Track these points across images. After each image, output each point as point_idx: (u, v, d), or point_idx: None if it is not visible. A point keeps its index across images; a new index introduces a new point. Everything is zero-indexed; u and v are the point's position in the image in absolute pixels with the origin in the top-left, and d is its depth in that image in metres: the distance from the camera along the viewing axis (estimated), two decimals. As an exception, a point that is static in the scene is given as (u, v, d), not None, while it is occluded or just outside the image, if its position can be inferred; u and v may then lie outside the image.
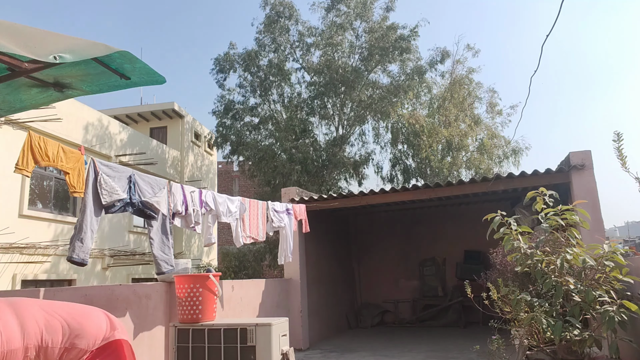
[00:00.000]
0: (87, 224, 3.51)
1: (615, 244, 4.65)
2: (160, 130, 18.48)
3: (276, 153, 14.75)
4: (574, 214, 3.93)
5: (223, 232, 21.02)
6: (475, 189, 7.76)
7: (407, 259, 11.71)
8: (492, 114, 17.30)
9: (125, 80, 2.78)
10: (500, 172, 14.35)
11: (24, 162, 3.12)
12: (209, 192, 5.39)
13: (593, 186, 6.69)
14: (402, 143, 15.92)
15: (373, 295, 11.64)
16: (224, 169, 25.41)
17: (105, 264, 12.83)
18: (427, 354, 7.08)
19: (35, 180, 11.26)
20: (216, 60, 16.10)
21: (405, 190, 8.09)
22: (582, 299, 3.58)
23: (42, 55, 2.05)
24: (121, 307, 3.78)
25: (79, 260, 3.44)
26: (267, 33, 16.02)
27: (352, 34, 16.24)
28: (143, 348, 3.97)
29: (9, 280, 9.98)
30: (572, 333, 3.49)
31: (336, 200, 8.40)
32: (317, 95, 15.46)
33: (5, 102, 3.00)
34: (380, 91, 15.43)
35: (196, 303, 3.77)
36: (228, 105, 15.89)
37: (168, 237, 4.34)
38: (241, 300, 5.86)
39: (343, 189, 15.23)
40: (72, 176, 3.48)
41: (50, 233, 11.16)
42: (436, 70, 16.18)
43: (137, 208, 4.01)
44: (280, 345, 3.59)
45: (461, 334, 9.03)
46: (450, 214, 11.32)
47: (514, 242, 4.02)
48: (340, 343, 8.56)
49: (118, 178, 3.85)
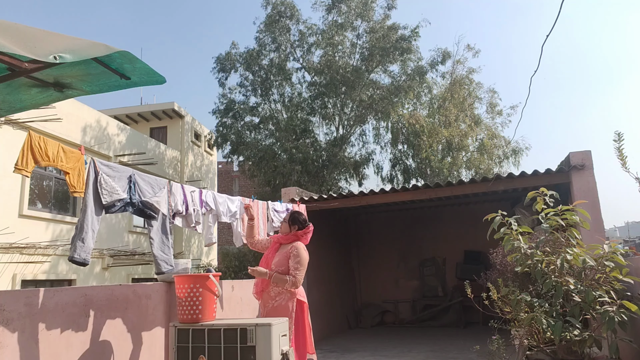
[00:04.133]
0: (88, 223, 3.51)
1: (615, 244, 4.65)
2: (160, 130, 18.49)
3: (276, 153, 14.75)
4: (574, 214, 3.93)
5: (223, 232, 21.02)
6: (475, 189, 7.76)
7: (407, 259, 11.71)
8: (492, 114, 17.32)
9: (126, 80, 2.78)
10: (501, 172, 14.36)
11: (23, 162, 3.11)
12: (209, 192, 5.39)
13: (593, 186, 6.69)
14: (402, 143, 15.93)
15: (373, 295, 11.64)
16: (224, 169, 25.41)
17: (105, 264, 12.84)
18: (427, 354, 7.08)
19: (35, 180, 11.26)
20: (217, 59, 16.12)
21: (405, 190, 8.09)
22: (582, 299, 3.58)
23: (42, 55, 2.05)
24: (121, 307, 3.78)
25: (81, 260, 3.43)
26: (267, 32, 16.03)
27: (353, 34, 16.25)
28: (143, 348, 3.97)
29: (8, 280, 9.98)
30: (572, 333, 3.49)
31: (336, 200, 8.40)
32: (317, 95, 15.46)
33: (5, 102, 3.00)
34: (380, 91, 15.43)
35: (196, 303, 3.77)
36: (229, 104, 15.89)
37: (168, 237, 4.34)
38: (241, 300, 5.85)
39: (343, 189, 15.23)
40: (72, 176, 3.48)
41: (50, 233, 11.16)
42: (437, 71, 16.20)
43: (137, 208, 4.01)
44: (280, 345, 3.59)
45: (461, 334, 9.03)
46: (450, 214, 11.32)
47: (514, 242, 4.02)
48: (340, 343, 8.56)
49: (118, 178, 3.85)
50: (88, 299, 3.46)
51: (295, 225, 4.27)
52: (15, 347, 2.85)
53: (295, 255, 3.99)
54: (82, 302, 3.40)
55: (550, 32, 4.70)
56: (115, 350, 3.67)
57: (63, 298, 3.26)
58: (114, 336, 3.67)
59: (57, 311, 3.18)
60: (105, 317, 3.60)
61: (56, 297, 3.20)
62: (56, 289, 3.24)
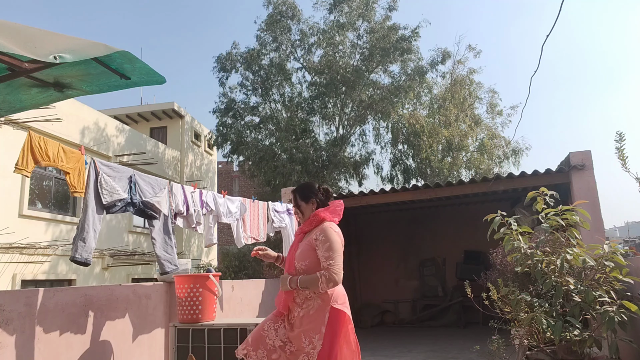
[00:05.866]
0: (89, 223, 3.51)
1: (615, 244, 4.64)
2: (160, 130, 18.50)
3: (276, 153, 14.75)
4: (574, 214, 3.93)
5: (223, 232, 21.02)
6: (475, 189, 7.77)
7: (407, 259, 11.71)
8: (493, 114, 17.32)
9: (126, 80, 2.78)
10: (501, 172, 14.36)
11: (23, 162, 3.12)
12: (209, 192, 5.40)
13: (593, 186, 6.69)
14: (402, 143, 15.93)
15: (373, 295, 11.64)
16: (224, 169, 25.41)
17: (105, 264, 12.84)
18: (427, 354, 7.07)
19: (35, 180, 11.26)
20: (218, 58, 16.12)
21: (405, 191, 8.09)
22: (582, 299, 3.58)
23: (42, 55, 2.05)
24: (121, 307, 3.78)
25: (82, 260, 3.44)
26: (268, 32, 16.03)
27: (354, 34, 16.26)
28: (143, 348, 3.97)
29: (8, 280, 9.98)
30: (572, 333, 3.49)
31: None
32: (317, 95, 15.46)
33: (5, 102, 3.00)
34: (381, 91, 15.44)
35: (196, 303, 3.77)
36: (229, 103, 15.90)
37: (170, 237, 4.34)
38: (241, 300, 5.85)
39: (343, 189, 15.23)
40: (72, 176, 3.48)
41: (50, 233, 11.16)
42: (437, 71, 16.21)
43: (138, 208, 4.01)
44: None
45: (461, 334, 9.03)
46: (450, 214, 11.32)
47: (514, 243, 4.02)
48: (340, 343, 8.55)
49: (119, 178, 3.85)
50: (88, 299, 3.46)
51: (309, 201, 2.94)
52: (15, 347, 2.85)
53: (324, 241, 2.71)
54: (82, 302, 3.40)
55: (550, 32, 4.71)
56: (115, 350, 3.67)
57: (63, 298, 3.26)
58: (114, 336, 3.67)
59: (57, 311, 3.18)
60: (105, 317, 3.60)
61: (56, 297, 3.20)
62: (56, 289, 3.24)
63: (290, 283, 2.72)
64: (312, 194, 2.94)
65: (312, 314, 2.69)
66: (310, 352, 2.63)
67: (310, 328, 2.66)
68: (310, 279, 2.65)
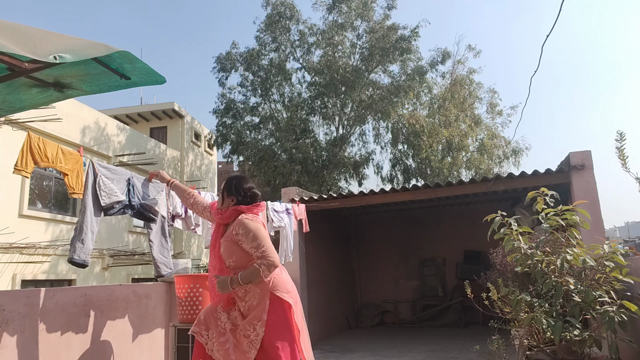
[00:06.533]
0: (87, 225, 3.51)
1: (615, 244, 4.64)
2: (160, 130, 18.51)
3: (276, 153, 14.76)
4: (574, 214, 3.92)
5: (223, 232, 21.00)
6: (475, 189, 7.76)
7: (407, 259, 11.70)
8: (493, 114, 17.34)
9: (126, 80, 2.77)
10: (501, 172, 14.37)
11: (23, 163, 3.11)
12: (208, 193, 5.39)
13: (593, 186, 6.68)
14: (402, 143, 15.93)
15: (373, 295, 11.63)
16: (224, 169, 25.41)
17: (105, 264, 12.84)
18: (427, 354, 7.07)
19: (35, 180, 11.26)
20: (218, 59, 16.14)
21: (405, 191, 8.09)
22: (582, 299, 3.57)
23: (42, 55, 2.05)
24: (121, 307, 3.78)
25: (80, 261, 3.43)
26: (267, 32, 16.04)
27: (353, 34, 16.26)
28: (143, 348, 3.97)
29: (8, 280, 9.99)
30: (572, 333, 3.49)
31: (336, 200, 8.40)
32: (317, 95, 15.47)
33: (5, 102, 2.99)
34: (380, 91, 15.45)
35: (196, 303, 3.77)
36: (229, 104, 15.91)
37: (167, 240, 4.34)
38: (241, 301, 5.85)
39: (343, 189, 15.24)
40: (70, 177, 3.48)
41: (50, 233, 11.17)
42: (437, 71, 16.24)
43: (136, 211, 4.01)
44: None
45: (461, 334, 9.03)
46: (450, 214, 11.32)
47: (514, 243, 4.02)
48: (340, 343, 8.56)
49: (117, 180, 3.85)
50: (88, 299, 3.46)
51: (231, 196, 2.97)
52: (15, 347, 2.85)
53: (245, 233, 2.76)
54: (82, 302, 3.40)
55: (550, 32, 4.71)
56: (115, 350, 3.67)
57: (63, 298, 3.26)
58: (114, 336, 3.67)
59: (57, 311, 3.18)
60: (105, 317, 3.60)
61: (56, 297, 3.20)
62: (56, 289, 3.24)
63: (232, 284, 2.75)
64: (235, 192, 2.96)
65: (254, 304, 2.79)
66: (254, 339, 2.73)
67: (253, 316, 2.77)
68: (250, 273, 2.72)
